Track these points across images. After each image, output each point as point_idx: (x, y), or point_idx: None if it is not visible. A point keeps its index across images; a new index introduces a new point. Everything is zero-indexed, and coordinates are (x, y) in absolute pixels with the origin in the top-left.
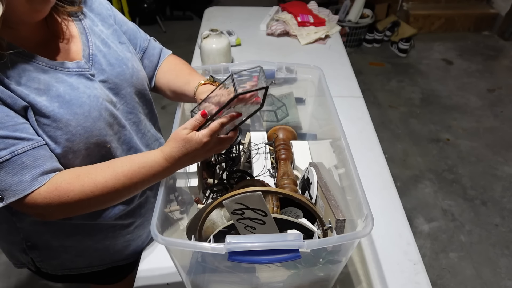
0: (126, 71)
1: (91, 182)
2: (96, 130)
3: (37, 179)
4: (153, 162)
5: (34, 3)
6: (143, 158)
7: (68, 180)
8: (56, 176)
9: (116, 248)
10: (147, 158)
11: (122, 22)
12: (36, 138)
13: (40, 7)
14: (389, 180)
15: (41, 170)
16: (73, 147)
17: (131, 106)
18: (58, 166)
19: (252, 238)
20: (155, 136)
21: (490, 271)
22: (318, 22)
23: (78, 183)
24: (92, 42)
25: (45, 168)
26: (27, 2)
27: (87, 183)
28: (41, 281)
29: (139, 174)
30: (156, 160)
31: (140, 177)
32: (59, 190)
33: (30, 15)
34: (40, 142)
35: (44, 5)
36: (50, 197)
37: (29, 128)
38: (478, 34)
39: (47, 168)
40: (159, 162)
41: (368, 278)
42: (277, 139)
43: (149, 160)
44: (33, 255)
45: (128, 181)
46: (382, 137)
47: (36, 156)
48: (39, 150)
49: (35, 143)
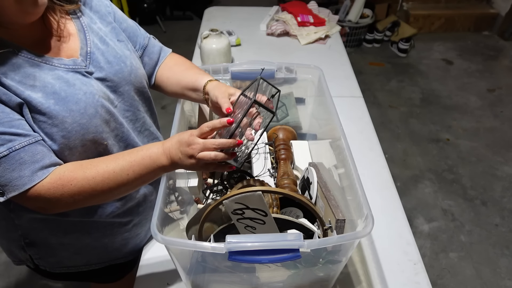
0: (124, 69)
1: (93, 168)
2: (92, 127)
3: (37, 174)
4: (149, 147)
5: (24, 6)
6: (143, 148)
7: (71, 169)
8: (58, 168)
9: (114, 246)
10: (147, 149)
11: (121, 20)
12: (33, 134)
13: (31, 9)
14: (389, 180)
15: (40, 165)
16: (69, 144)
17: (129, 103)
18: (57, 160)
19: (252, 238)
20: (154, 134)
21: (490, 271)
22: (318, 22)
23: (81, 170)
24: (90, 40)
25: (44, 162)
26: (16, 4)
27: (89, 169)
28: (41, 281)
29: (137, 157)
30: (156, 152)
31: (138, 165)
32: (62, 179)
33: (22, 17)
34: (37, 138)
35: (35, 7)
36: (54, 187)
37: (25, 124)
38: (478, 34)
39: (46, 162)
40: (158, 154)
41: (368, 278)
42: (277, 139)
43: (149, 151)
44: (31, 252)
45: (128, 165)
46: (382, 137)
47: (34, 151)
48: (37, 145)
49: (32, 138)
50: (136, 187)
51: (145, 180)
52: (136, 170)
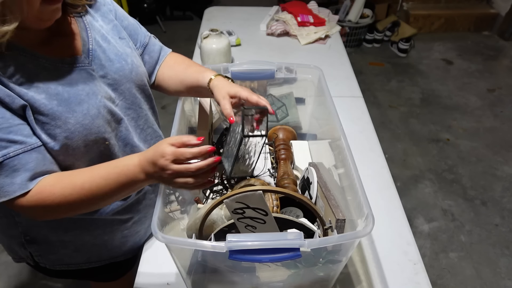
0: (125, 67)
1: (70, 184)
2: (95, 127)
3: (27, 184)
4: (127, 163)
5: (44, 14)
6: (120, 159)
7: (52, 183)
8: (43, 179)
9: (114, 244)
10: (123, 159)
11: (122, 17)
12: (29, 141)
13: (48, 17)
14: (389, 180)
15: (31, 174)
16: (72, 144)
17: (130, 101)
18: (50, 168)
19: (253, 237)
20: (157, 132)
21: (490, 271)
22: (318, 22)
23: (59, 186)
24: (92, 38)
25: (35, 171)
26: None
27: (66, 185)
28: (41, 281)
29: (112, 175)
30: (131, 161)
31: (113, 177)
32: (42, 194)
33: (38, 24)
34: (34, 145)
35: (52, 17)
36: (34, 200)
37: (24, 130)
38: (478, 34)
39: (38, 171)
40: (133, 163)
41: (368, 278)
42: (277, 139)
43: (124, 160)
44: (32, 250)
45: (103, 182)
46: (382, 137)
47: (27, 160)
48: (32, 153)
49: (28, 146)
50: (117, 199)
51: (126, 193)
52: (113, 187)
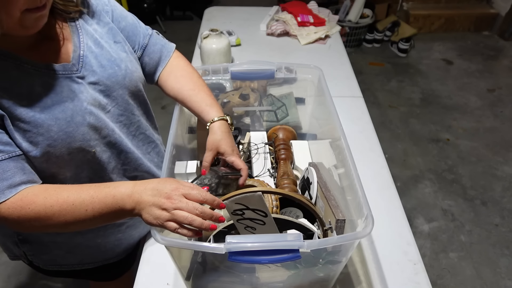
0: (118, 73)
1: (55, 195)
2: (79, 135)
3: (4, 192)
4: (119, 185)
5: (26, 22)
6: (112, 185)
7: (36, 192)
8: (27, 188)
9: (107, 247)
10: (115, 187)
11: (120, 18)
12: (7, 150)
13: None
14: (389, 180)
15: (9, 183)
16: (55, 152)
17: (123, 108)
18: (31, 178)
19: (252, 238)
20: (151, 137)
21: (490, 271)
22: (318, 22)
23: (43, 195)
24: (83, 43)
25: (13, 181)
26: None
27: (51, 196)
28: (40, 281)
29: (100, 193)
30: (123, 185)
31: (100, 196)
32: (23, 201)
33: (21, 31)
34: (11, 154)
35: (36, 24)
36: (13, 207)
37: (1, 138)
38: (478, 34)
39: (16, 181)
40: (124, 196)
41: (368, 278)
42: (277, 139)
43: (115, 189)
44: (25, 249)
45: (89, 199)
46: (382, 137)
47: (4, 169)
48: (9, 162)
49: (5, 154)
50: (94, 225)
51: (106, 220)
52: (96, 208)
